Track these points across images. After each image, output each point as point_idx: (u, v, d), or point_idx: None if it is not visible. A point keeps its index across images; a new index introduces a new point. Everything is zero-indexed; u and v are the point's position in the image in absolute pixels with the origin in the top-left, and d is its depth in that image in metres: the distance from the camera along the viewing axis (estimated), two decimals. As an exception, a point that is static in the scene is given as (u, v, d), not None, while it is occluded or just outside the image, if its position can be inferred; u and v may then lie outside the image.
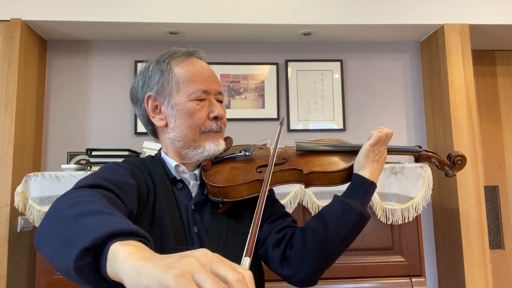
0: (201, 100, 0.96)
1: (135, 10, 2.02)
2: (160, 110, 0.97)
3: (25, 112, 2.00)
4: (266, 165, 0.97)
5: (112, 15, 2.01)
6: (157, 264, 0.44)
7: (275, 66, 2.31)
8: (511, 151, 2.49)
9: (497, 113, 2.52)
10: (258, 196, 0.92)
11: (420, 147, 1.07)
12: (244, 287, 0.43)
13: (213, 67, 1.07)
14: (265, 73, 2.31)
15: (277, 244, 0.94)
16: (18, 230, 1.86)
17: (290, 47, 2.35)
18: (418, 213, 1.67)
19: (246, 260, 0.57)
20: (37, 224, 1.60)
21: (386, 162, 1.86)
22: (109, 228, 0.54)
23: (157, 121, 0.98)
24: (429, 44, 2.29)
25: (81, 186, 0.75)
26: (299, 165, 0.98)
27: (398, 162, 1.80)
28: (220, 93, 1.01)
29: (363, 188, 0.92)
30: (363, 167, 0.94)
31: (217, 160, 1.02)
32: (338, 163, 0.98)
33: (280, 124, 1.11)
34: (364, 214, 0.90)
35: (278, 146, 1.03)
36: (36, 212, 1.61)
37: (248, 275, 0.45)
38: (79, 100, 2.22)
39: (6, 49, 1.94)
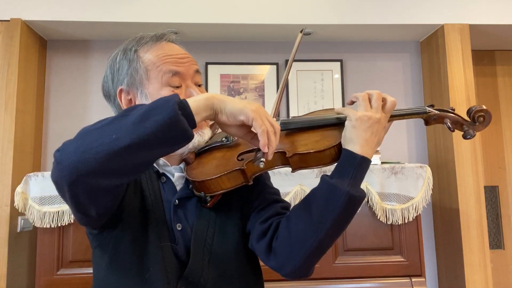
0: (176, 87, 0.86)
1: (135, 10, 2.02)
2: (135, 103, 0.88)
3: (25, 112, 2.00)
4: (248, 151, 0.88)
5: (112, 15, 2.01)
6: (238, 101, 0.74)
7: (275, 66, 2.31)
8: (511, 151, 2.49)
9: (497, 113, 2.52)
10: (243, 186, 0.85)
11: (432, 105, 0.89)
12: (279, 134, 0.76)
13: (213, 67, 1.03)
14: (265, 73, 2.31)
15: (262, 235, 0.86)
16: (18, 230, 1.86)
17: (290, 47, 2.34)
18: (418, 213, 1.67)
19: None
20: (37, 224, 1.60)
21: (386, 162, 1.86)
22: (173, 95, 0.70)
23: None
24: (429, 44, 2.29)
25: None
26: (282, 147, 0.85)
27: (398, 162, 1.80)
28: (197, 71, 0.91)
29: (351, 166, 0.79)
30: (351, 141, 0.81)
31: (201, 151, 0.93)
32: (326, 140, 0.84)
33: (300, 32, 1.01)
34: (354, 194, 0.78)
35: None
36: (36, 212, 1.61)
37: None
38: (79, 100, 2.22)
39: (6, 49, 1.94)
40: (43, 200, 1.63)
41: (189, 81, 0.89)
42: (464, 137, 0.86)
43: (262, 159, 0.74)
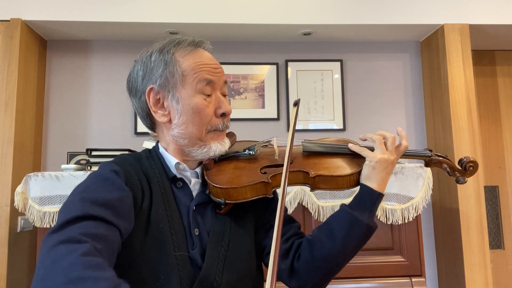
0: (208, 95, 0.90)
1: (135, 10, 2.02)
2: (163, 104, 0.90)
3: (25, 112, 2.00)
4: (270, 166, 0.94)
5: (112, 15, 2.01)
6: None
7: (275, 66, 2.31)
8: (511, 151, 2.49)
9: (497, 113, 2.52)
10: (261, 198, 0.90)
11: (430, 150, 1.02)
12: None
13: None
14: (265, 73, 2.31)
15: (285, 254, 0.93)
16: (18, 230, 1.86)
17: (290, 47, 2.35)
18: (418, 213, 1.67)
19: None
20: (37, 224, 1.60)
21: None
22: None
23: (159, 117, 0.91)
24: (429, 44, 2.29)
25: (68, 220, 0.69)
26: (305, 167, 0.93)
27: (398, 162, 1.80)
28: (225, 82, 0.95)
29: (370, 200, 0.90)
30: (369, 178, 0.91)
31: (220, 158, 0.97)
32: (346, 167, 0.94)
33: (294, 105, 1.01)
34: (372, 226, 0.89)
35: (282, 146, 0.98)
36: (36, 212, 1.61)
37: None
38: (79, 100, 2.22)
39: (6, 49, 1.94)
40: (43, 200, 1.63)
41: (218, 91, 0.93)
42: (457, 182, 1.00)
43: None
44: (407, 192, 1.67)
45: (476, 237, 1.98)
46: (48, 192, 1.63)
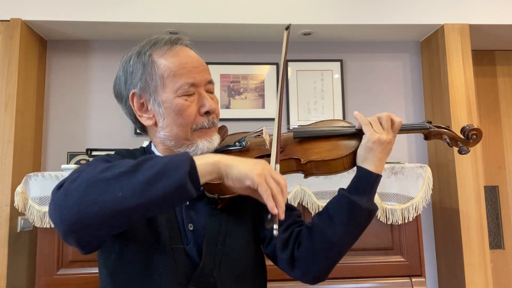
0: (189, 95, 0.88)
1: (135, 10, 2.02)
2: (147, 108, 0.90)
3: (25, 112, 2.00)
4: (261, 156, 0.92)
5: (112, 15, 2.01)
6: (244, 164, 0.75)
7: (275, 66, 2.31)
8: (511, 151, 2.49)
9: (497, 113, 2.52)
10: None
11: (430, 122, 0.98)
12: (286, 190, 0.75)
13: (213, 67, 1.02)
14: (265, 73, 2.31)
15: (285, 244, 0.92)
16: (18, 230, 1.86)
17: (290, 47, 2.34)
18: (418, 213, 1.67)
19: (278, 167, 0.81)
20: (37, 224, 1.60)
21: (386, 162, 1.85)
22: (184, 156, 0.72)
23: (145, 120, 0.91)
24: (429, 44, 2.29)
25: (74, 178, 0.72)
26: (296, 153, 0.91)
27: (398, 162, 1.80)
28: (210, 82, 0.93)
29: (368, 183, 0.88)
30: (366, 160, 0.89)
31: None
32: (339, 149, 0.91)
33: (286, 29, 0.98)
34: (372, 209, 0.88)
35: (273, 133, 0.95)
36: (36, 212, 1.61)
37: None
38: (79, 100, 2.22)
39: (6, 49, 1.94)
40: (43, 200, 1.63)
41: (201, 89, 0.91)
42: (460, 152, 0.94)
43: (275, 227, 0.72)
44: (407, 192, 1.67)
45: (476, 237, 1.98)
46: (48, 192, 1.63)
